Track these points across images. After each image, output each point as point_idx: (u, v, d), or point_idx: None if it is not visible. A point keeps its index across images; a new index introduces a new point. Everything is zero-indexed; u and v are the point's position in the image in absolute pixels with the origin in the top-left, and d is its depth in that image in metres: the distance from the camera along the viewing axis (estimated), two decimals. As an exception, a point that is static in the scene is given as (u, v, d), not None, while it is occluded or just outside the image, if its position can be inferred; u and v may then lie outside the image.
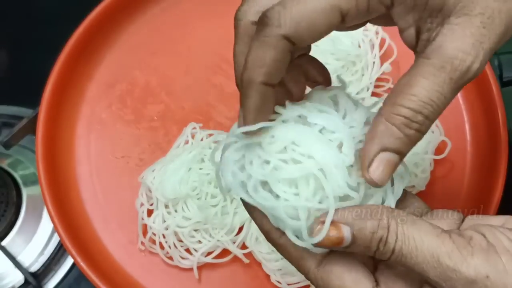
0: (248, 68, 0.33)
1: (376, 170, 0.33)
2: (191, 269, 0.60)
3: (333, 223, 0.33)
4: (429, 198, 0.62)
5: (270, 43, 0.32)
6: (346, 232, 0.33)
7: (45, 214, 0.66)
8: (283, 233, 0.35)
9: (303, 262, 0.36)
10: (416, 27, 0.34)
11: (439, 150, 0.63)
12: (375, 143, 0.33)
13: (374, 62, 0.66)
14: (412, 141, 0.33)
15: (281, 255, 0.37)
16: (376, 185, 0.34)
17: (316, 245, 0.33)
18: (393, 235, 0.32)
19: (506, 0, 0.32)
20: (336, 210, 0.33)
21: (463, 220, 0.38)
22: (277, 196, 0.35)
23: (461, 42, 0.31)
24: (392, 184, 0.37)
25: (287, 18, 0.32)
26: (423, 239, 0.31)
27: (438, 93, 0.32)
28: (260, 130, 0.35)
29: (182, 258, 0.60)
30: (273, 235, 0.36)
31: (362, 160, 0.34)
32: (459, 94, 0.66)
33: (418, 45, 0.34)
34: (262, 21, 0.32)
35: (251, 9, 0.34)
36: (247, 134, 0.35)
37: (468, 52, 0.31)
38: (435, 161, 0.63)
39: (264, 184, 0.35)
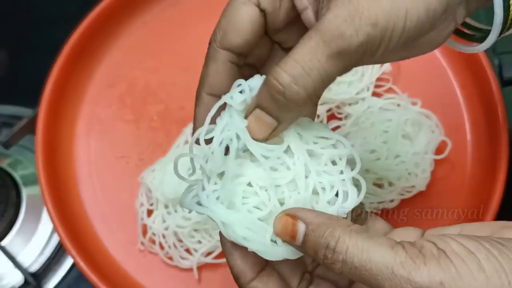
0: (199, 83, 0.38)
1: (251, 123, 0.35)
2: (191, 269, 0.60)
3: (293, 216, 0.34)
4: (429, 198, 0.62)
5: (212, 57, 0.37)
6: (301, 228, 0.33)
7: (45, 214, 0.66)
8: (252, 279, 0.38)
9: None
10: (314, 8, 0.36)
11: (439, 150, 0.63)
12: (254, 99, 0.35)
13: (374, 62, 0.66)
14: (281, 106, 0.33)
15: None
16: (252, 137, 0.35)
17: (274, 232, 0.35)
18: (343, 245, 0.32)
19: None
20: (301, 209, 0.35)
21: (423, 235, 0.38)
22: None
23: (339, 11, 0.32)
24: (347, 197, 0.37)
25: (220, 32, 0.36)
26: (377, 250, 0.31)
27: (311, 55, 0.32)
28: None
29: (182, 258, 0.60)
30: (242, 280, 0.38)
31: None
32: (459, 94, 0.66)
33: None
34: (210, 40, 0.37)
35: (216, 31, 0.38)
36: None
37: (343, 18, 0.31)
38: (435, 161, 0.62)
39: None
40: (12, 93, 0.77)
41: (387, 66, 0.66)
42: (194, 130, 0.38)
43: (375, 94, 0.66)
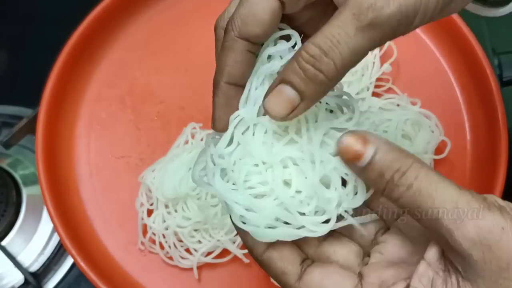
0: (216, 72, 0.37)
1: (271, 98, 0.34)
2: (191, 269, 0.60)
3: (362, 137, 0.34)
4: (429, 198, 0.62)
5: (230, 47, 0.36)
6: (369, 150, 0.33)
7: (45, 214, 0.66)
8: (266, 249, 0.37)
9: (284, 277, 0.37)
10: None
11: (439, 150, 0.63)
12: (279, 76, 0.34)
13: (374, 62, 0.66)
14: (310, 78, 0.33)
15: (265, 271, 0.38)
16: (270, 115, 0.34)
17: (338, 149, 0.34)
18: (414, 172, 0.32)
19: None
20: (372, 133, 0.34)
21: None
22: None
23: None
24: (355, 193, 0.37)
25: (239, 21, 0.35)
26: (447, 186, 0.32)
27: (339, 29, 0.32)
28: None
29: (182, 258, 0.61)
30: (256, 251, 0.37)
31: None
32: (459, 94, 0.66)
33: None
34: (226, 29, 0.36)
35: (225, 17, 0.38)
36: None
37: None
38: (435, 161, 0.63)
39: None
40: (12, 93, 0.77)
41: (387, 66, 0.66)
42: (214, 119, 0.38)
43: (375, 94, 0.66)
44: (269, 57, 0.37)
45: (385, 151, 0.33)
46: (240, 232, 0.38)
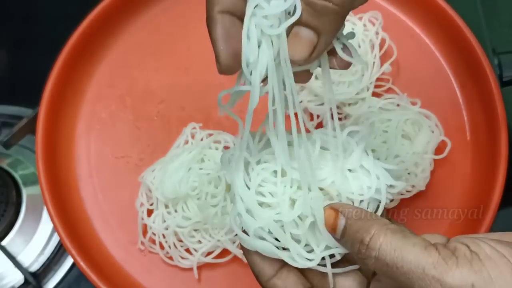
0: (207, 5, 0.34)
1: (290, 45, 0.33)
2: (191, 269, 0.60)
3: (335, 210, 0.36)
4: (429, 198, 0.62)
5: None
6: (341, 222, 0.35)
7: (45, 214, 0.66)
8: (271, 277, 0.38)
9: None
10: None
11: (439, 150, 0.63)
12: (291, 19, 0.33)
13: (374, 62, 0.66)
14: (320, 11, 0.32)
15: None
16: (294, 61, 0.33)
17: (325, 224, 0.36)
18: (376, 242, 0.33)
19: None
20: (344, 204, 0.37)
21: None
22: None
23: None
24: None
25: None
26: (410, 250, 0.32)
27: None
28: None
29: (182, 258, 0.61)
30: (261, 278, 0.38)
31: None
32: (459, 94, 0.66)
33: None
34: None
35: None
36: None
37: None
38: (435, 161, 0.62)
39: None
40: (12, 93, 0.77)
41: (387, 67, 0.66)
42: (217, 55, 0.35)
43: (374, 94, 0.66)
44: None
45: (352, 223, 0.35)
46: (248, 257, 0.39)
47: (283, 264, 0.38)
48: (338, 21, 0.33)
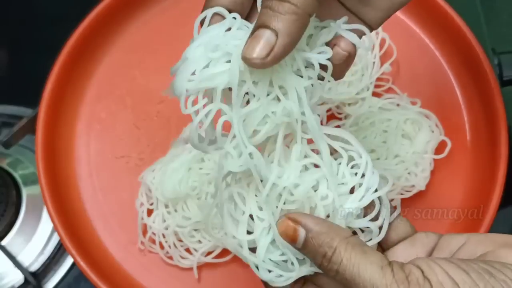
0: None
1: (247, 46, 0.33)
2: (191, 269, 0.60)
3: (294, 221, 0.35)
4: (429, 198, 0.62)
5: None
6: (301, 233, 0.35)
7: (45, 214, 0.66)
8: None
9: None
10: None
11: (439, 150, 0.63)
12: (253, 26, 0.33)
13: (374, 62, 0.66)
14: (277, 11, 0.32)
15: None
16: (250, 63, 0.33)
17: (278, 232, 0.36)
18: (338, 257, 0.33)
19: None
20: (303, 214, 0.36)
21: (439, 239, 0.39)
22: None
23: None
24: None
25: None
26: (367, 268, 0.32)
27: None
28: None
29: (182, 257, 0.61)
30: None
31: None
32: (459, 94, 0.66)
33: None
34: None
35: None
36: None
37: None
38: (435, 161, 0.62)
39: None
40: (12, 93, 0.77)
41: (387, 66, 0.66)
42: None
43: (375, 94, 0.66)
44: None
45: (315, 234, 0.35)
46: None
47: (304, 280, 0.39)
48: (298, 22, 0.32)
